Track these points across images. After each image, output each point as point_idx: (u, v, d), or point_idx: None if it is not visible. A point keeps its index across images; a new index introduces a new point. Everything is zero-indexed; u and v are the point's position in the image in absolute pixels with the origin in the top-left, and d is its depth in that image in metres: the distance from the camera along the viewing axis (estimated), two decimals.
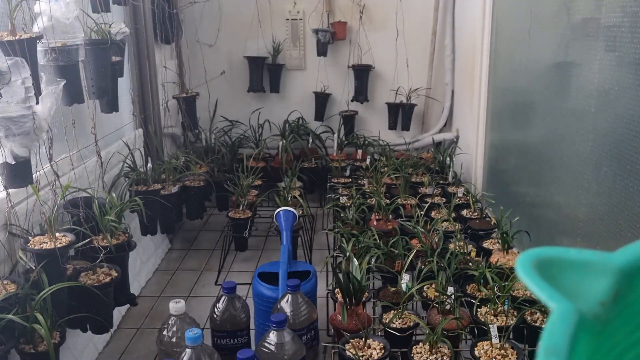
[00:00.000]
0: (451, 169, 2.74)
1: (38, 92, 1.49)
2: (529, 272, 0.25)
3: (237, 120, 3.33)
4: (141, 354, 1.98)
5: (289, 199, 2.51)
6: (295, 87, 3.35)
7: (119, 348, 2.01)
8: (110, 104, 2.04)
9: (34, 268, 1.50)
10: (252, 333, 1.83)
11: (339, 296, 1.69)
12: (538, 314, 1.57)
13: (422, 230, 1.95)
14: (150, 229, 2.36)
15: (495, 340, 1.42)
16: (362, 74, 3.21)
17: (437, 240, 1.92)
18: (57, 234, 1.60)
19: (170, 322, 1.56)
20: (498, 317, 1.55)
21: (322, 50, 3.16)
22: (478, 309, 1.59)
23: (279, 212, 2.21)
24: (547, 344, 0.23)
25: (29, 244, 1.54)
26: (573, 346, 0.24)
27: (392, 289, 1.74)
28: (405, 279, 1.70)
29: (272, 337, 1.47)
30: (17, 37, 1.45)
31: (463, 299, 1.68)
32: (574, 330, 0.24)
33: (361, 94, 3.24)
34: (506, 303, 1.56)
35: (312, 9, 3.20)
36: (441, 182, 2.68)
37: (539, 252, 0.26)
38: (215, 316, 1.71)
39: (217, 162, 2.94)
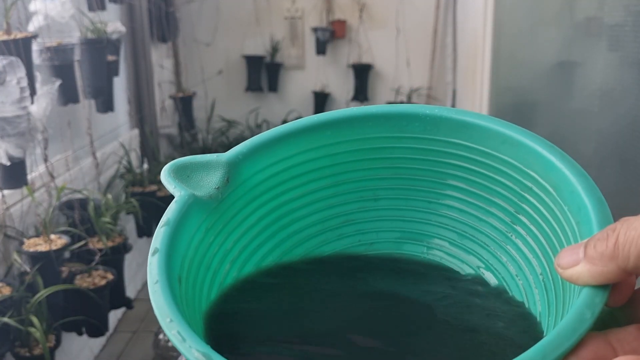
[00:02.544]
0: None
1: (33, 92, 1.48)
2: (167, 174, 0.37)
3: (235, 120, 3.31)
4: (137, 358, 1.95)
5: None
6: (294, 87, 3.33)
7: (115, 352, 1.99)
8: (106, 104, 2.02)
9: (28, 271, 1.48)
10: None
11: None
12: None
13: None
14: (146, 231, 2.33)
15: None
16: (362, 73, 3.19)
17: None
18: (52, 236, 1.58)
19: None
20: None
21: (321, 49, 3.14)
22: None
23: None
24: (163, 219, 0.35)
25: (23, 246, 1.53)
26: (185, 219, 0.35)
27: None
28: None
29: None
30: (12, 37, 1.43)
31: None
32: (187, 208, 0.36)
33: (361, 93, 3.22)
34: None
35: (311, 7, 3.18)
36: None
37: (177, 160, 0.38)
38: None
39: None
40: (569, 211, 0.35)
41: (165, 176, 0.37)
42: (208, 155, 0.39)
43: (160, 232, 0.34)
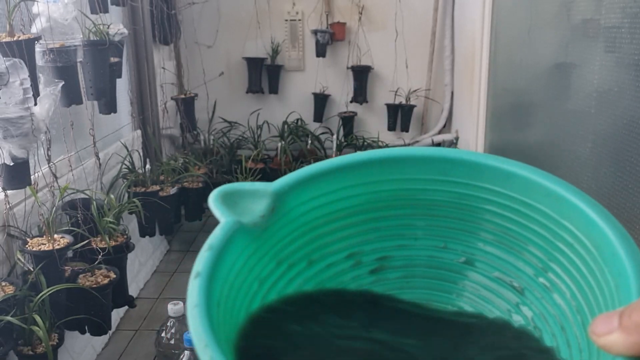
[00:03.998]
0: None
1: (36, 94, 1.49)
2: (215, 200, 0.38)
3: (236, 122, 3.33)
4: (140, 356, 1.97)
5: None
6: (294, 88, 3.34)
7: (118, 350, 2.00)
8: (109, 105, 2.03)
9: (32, 270, 1.50)
10: None
11: None
12: None
13: None
14: (148, 231, 2.35)
15: None
16: (361, 74, 3.21)
17: None
18: (55, 236, 1.59)
19: (168, 324, 1.56)
20: None
21: (321, 51, 3.15)
22: None
23: None
24: (207, 244, 0.35)
25: (26, 246, 1.54)
26: (229, 245, 0.36)
27: None
28: None
29: None
30: (15, 38, 1.44)
31: None
32: (232, 234, 0.36)
33: (360, 94, 3.23)
34: None
35: (311, 9, 3.20)
36: None
37: (226, 186, 0.39)
38: None
39: (215, 163, 2.93)
40: (609, 273, 0.35)
41: (212, 201, 0.38)
42: (257, 183, 0.41)
43: (203, 256, 0.35)
